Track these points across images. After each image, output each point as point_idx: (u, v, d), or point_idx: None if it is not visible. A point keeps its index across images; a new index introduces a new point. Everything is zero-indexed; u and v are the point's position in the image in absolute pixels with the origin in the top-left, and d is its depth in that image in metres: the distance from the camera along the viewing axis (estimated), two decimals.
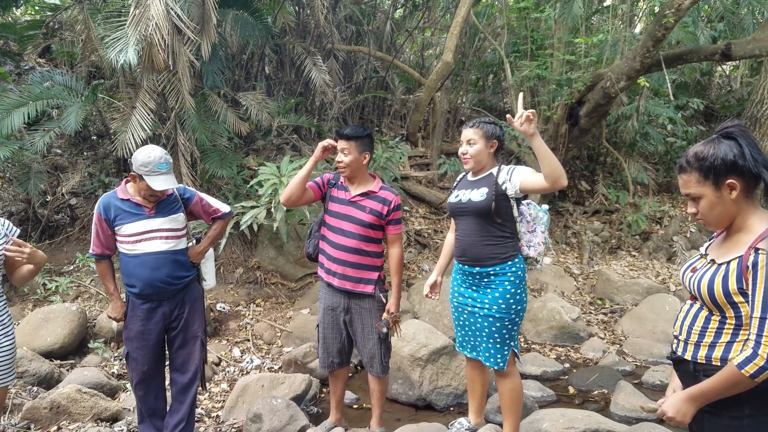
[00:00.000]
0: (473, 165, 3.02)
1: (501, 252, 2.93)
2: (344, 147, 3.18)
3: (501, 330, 2.95)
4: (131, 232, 3.01)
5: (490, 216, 2.90)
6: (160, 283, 3.07)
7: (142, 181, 2.95)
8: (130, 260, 3.06)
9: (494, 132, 3.00)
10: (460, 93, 10.06)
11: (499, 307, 2.92)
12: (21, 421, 3.67)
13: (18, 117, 5.80)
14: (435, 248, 7.39)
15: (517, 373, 3.08)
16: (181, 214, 3.17)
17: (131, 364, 3.18)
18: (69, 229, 6.30)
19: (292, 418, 3.53)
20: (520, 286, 2.96)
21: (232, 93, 7.06)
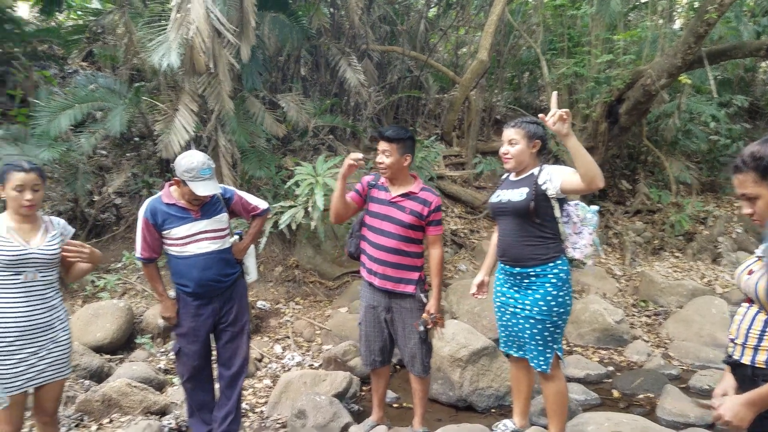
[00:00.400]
0: (514, 165, 2.99)
1: (542, 253, 2.90)
2: (385, 149, 3.17)
3: (543, 332, 2.92)
4: (180, 235, 3.09)
5: (528, 216, 2.88)
6: (211, 282, 3.15)
7: (185, 186, 3.02)
8: (180, 261, 3.13)
9: (537, 132, 2.96)
10: (495, 91, 10.00)
11: (540, 309, 2.90)
12: (75, 413, 3.80)
13: (65, 119, 5.99)
14: (471, 248, 7.36)
15: (562, 376, 3.05)
16: (225, 215, 3.25)
17: (182, 359, 3.26)
18: (115, 228, 6.48)
19: (335, 415, 3.57)
20: (563, 289, 2.91)
21: (269, 95, 7.16)
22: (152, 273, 3.23)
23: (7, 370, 2.56)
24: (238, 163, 6.22)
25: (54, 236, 2.74)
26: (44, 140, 5.85)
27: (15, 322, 2.58)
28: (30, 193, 2.63)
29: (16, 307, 2.58)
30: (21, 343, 2.59)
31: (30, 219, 2.69)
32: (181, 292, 3.21)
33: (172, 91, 6.27)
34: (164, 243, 3.15)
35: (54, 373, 2.72)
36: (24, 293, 2.59)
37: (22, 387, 2.61)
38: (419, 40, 9.40)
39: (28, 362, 2.61)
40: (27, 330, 2.60)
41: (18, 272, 2.57)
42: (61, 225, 2.85)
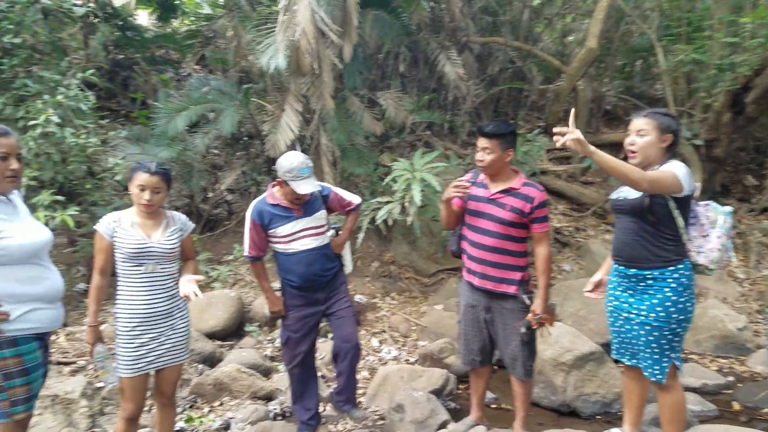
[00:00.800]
0: (639, 159, 2.77)
1: (661, 255, 2.70)
2: (486, 146, 3.08)
3: (659, 340, 2.72)
4: (285, 233, 3.24)
5: (643, 215, 2.69)
6: (315, 276, 3.31)
7: (287, 186, 3.16)
8: (286, 258, 3.31)
9: (670, 125, 2.74)
10: (604, 80, 9.47)
11: (657, 315, 2.70)
12: (189, 395, 4.08)
13: (181, 120, 6.45)
14: (577, 248, 7.03)
15: (680, 387, 2.83)
16: (323, 212, 3.39)
17: (289, 346, 3.40)
18: (226, 222, 6.90)
19: (433, 411, 3.56)
20: (684, 295, 2.70)
21: (368, 93, 7.27)
22: (259, 271, 3.41)
23: (129, 353, 2.80)
24: (338, 161, 6.37)
25: (173, 231, 2.93)
26: (163, 140, 6.34)
27: (138, 309, 2.80)
28: (149, 194, 2.80)
29: (138, 295, 2.80)
30: (143, 328, 2.81)
31: (153, 215, 2.89)
32: (287, 285, 3.36)
33: (278, 92, 6.55)
34: (270, 241, 3.32)
35: (172, 358, 2.92)
36: (146, 283, 2.81)
37: (143, 369, 2.83)
38: (522, 29, 9.10)
39: (149, 347, 2.83)
40: (148, 317, 2.82)
41: (140, 264, 2.79)
42: (182, 221, 3.04)
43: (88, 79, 6.13)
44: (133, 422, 2.87)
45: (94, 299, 2.81)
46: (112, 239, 2.78)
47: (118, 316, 2.83)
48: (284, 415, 3.88)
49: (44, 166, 5.35)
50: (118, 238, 2.78)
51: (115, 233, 2.78)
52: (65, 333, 4.86)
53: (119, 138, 6.52)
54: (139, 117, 7.42)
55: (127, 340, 2.80)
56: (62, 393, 3.54)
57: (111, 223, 2.80)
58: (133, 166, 2.87)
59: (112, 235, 2.78)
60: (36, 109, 5.46)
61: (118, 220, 2.82)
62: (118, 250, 2.78)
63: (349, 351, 3.41)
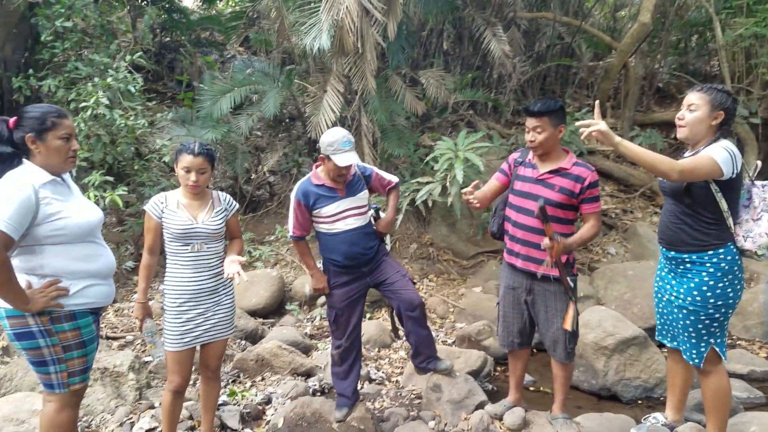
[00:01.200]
0: (686, 134, 2.65)
1: (700, 239, 2.59)
2: (536, 125, 2.98)
3: (696, 324, 2.63)
4: (329, 213, 3.26)
5: (681, 197, 2.59)
6: (358, 255, 3.32)
7: (329, 161, 3.17)
8: (330, 238, 3.32)
9: (723, 102, 2.59)
10: (657, 57, 9.06)
11: (693, 299, 2.61)
12: (232, 370, 4.20)
13: (225, 102, 6.55)
14: (623, 230, 6.83)
15: (723, 372, 2.73)
16: (365, 192, 3.40)
17: (338, 323, 3.41)
18: (268, 203, 7.01)
19: (470, 392, 3.55)
20: (723, 280, 2.58)
21: (411, 71, 7.18)
22: (303, 250, 3.42)
23: (176, 328, 2.89)
24: (379, 142, 6.35)
25: (218, 212, 2.98)
26: (208, 122, 6.46)
27: (185, 286, 2.89)
28: (195, 176, 2.85)
29: (185, 273, 2.89)
30: (190, 304, 2.90)
31: (198, 196, 2.95)
32: (330, 265, 3.39)
33: (320, 73, 6.55)
34: (314, 221, 3.35)
35: (217, 333, 3.00)
36: (193, 261, 2.88)
37: (190, 344, 2.92)
38: (572, 4, 8.80)
39: (195, 322, 2.91)
40: (195, 294, 2.90)
41: (187, 243, 2.87)
42: (227, 201, 3.09)
43: (135, 61, 6.30)
44: (179, 395, 2.97)
45: (143, 277, 2.90)
46: (160, 219, 2.86)
47: (166, 292, 2.92)
48: (323, 391, 3.95)
49: (94, 147, 5.55)
50: (165, 218, 2.85)
51: (162, 214, 2.85)
52: (114, 309, 5.07)
53: (166, 120, 6.68)
54: (185, 99, 7.57)
55: (174, 315, 2.89)
56: (111, 366, 3.70)
57: (159, 204, 2.87)
58: (178, 148, 2.92)
59: (160, 216, 2.85)
60: (86, 91, 5.65)
61: (165, 201, 2.89)
62: (166, 230, 2.86)
63: (414, 311, 3.41)
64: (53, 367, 2.35)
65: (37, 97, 6.73)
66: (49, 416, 2.40)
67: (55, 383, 2.37)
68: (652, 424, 2.99)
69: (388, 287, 3.43)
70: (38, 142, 2.34)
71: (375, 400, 3.87)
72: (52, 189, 2.34)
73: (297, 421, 3.36)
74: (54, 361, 2.34)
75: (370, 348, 4.74)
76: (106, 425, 3.38)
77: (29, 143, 2.33)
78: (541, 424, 3.31)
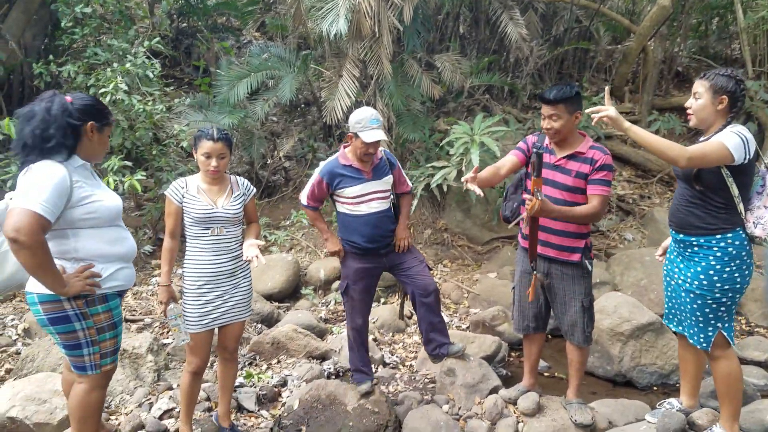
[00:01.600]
0: (695, 122, 2.66)
1: (710, 222, 2.57)
2: (552, 112, 2.95)
3: (703, 308, 2.62)
4: (354, 194, 3.27)
5: (691, 182, 2.58)
6: (380, 237, 3.34)
7: (357, 139, 3.18)
8: (352, 219, 3.33)
9: (724, 85, 2.56)
10: (677, 40, 8.89)
11: (700, 282, 2.60)
12: (248, 353, 4.26)
13: (242, 88, 6.57)
14: (640, 216, 6.76)
15: (733, 356, 2.71)
16: (390, 177, 3.41)
17: (355, 302, 3.43)
18: (284, 189, 7.05)
19: (484, 376, 3.56)
20: (731, 264, 2.56)
21: (426, 56, 7.13)
22: (315, 215, 3.46)
23: (196, 310, 2.93)
24: (394, 127, 6.33)
25: (237, 197, 3.02)
26: (225, 107, 6.49)
27: (204, 269, 2.93)
28: (216, 161, 2.88)
29: (205, 256, 2.93)
30: (209, 287, 2.94)
31: (217, 181, 2.98)
32: (349, 247, 3.39)
33: (336, 58, 6.53)
34: (336, 200, 3.37)
35: (235, 315, 3.04)
36: (212, 245, 2.92)
37: (208, 325, 2.97)
38: None
39: (214, 304, 2.96)
40: (214, 276, 2.94)
41: (207, 227, 2.91)
42: (245, 186, 3.12)
43: (153, 47, 6.33)
44: (197, 376, 3.02)
45: (166, 260, 2.93)
46: (180, 204, 2.89)
47: (186, 275, 2.96)
48: (338, 375, 4.00)
49: (113, 132, 5.61)
50: (186, 203, 2.89)
51: (183, 198, 2.89)
52: (132, 292, 5.16)
53: (183, 105, 6.73)
54: (202, 85, 7.61)
55: (194, 297, 2.93)
56: (130, 348, 3.77)
57: (179, 189, 2.90)
58: (196, 134, 2.94)
59: (180, 201, 2.89)
60: (105, 77, 5.70)
61: (185, 186, 2.92)
62: (186, 214, 2.90)
63: (428, 297, 3.42)
64: (87, 349, 2.39)
65: (57, 83, 6.81)
66: (79, 397, 2.45)
67: (87, 365, 2.41)
68: (666, 410, 2.98)
69: (405, 272, 3.44)
70: (96, 132, 2.42)
71: (389, 384, 3.91)
72: (82, 173, 2.38)
73: (312, 403, 3.41)
74: (88, 344, 2.38)
75: (384, 332, 4.78)
76: (125, 406, 3.46)
77: (89, 130, 2.38)
78: (555, 408, 3.32)
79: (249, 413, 3.50)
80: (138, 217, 6.01)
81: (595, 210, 2.92)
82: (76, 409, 2.46)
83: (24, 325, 4.32)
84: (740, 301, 5.20)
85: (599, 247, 6.26)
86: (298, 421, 3.34)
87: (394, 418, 3.37)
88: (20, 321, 4.42)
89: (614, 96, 8.31)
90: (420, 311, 3.49)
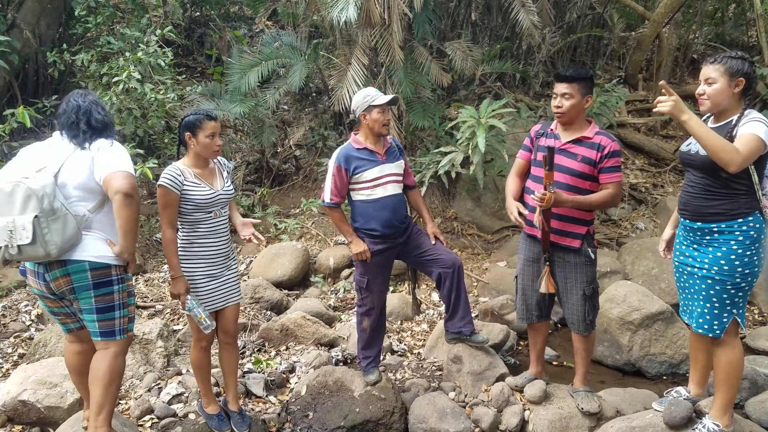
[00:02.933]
0: (709, 107, 2.59)
1: (730, 208, 2.54)
2: (565, 91, 2.93)
3: (721, 294, 2.58)
4: (370, 177, 3.26)
5: (716, 172, 2.53)
6: (398, 222, 3.33)
7: (371, 112, 3.21)
8: (369, 205, 3.30)
9: (740, 68, 2.51)
10: (692, 27, 8.73)
11: (720, 268, 2.56)
12: (258, 339, 4.30)
13: (253, 76, 6.56)
14: (653, 204, 6.69)
15: (739, 344, 2.68)
16: (402, 162, 3.41)
17: (371, 288, 3.41)
18: (294, 177, 7.06)
19: (491, 364, 3.56)
20: (751, 248, 2.53)
21: (437, 43, 7.07)
22: (340, 216, 3.37)
23: (206, 294, 2.94)
24: (404, 115, 6.31)
25: (227, 176, 3.07)
26: (236, 96, 6.50)
27: (205, 253, 2.94)
28: (219, 139, 2.94)
29: (205, 240, 2.94)
30: (211, 269, 2.96)
31: (208, 162, 3.00)
32: (365, 235, 3.35)
33: (346, 46, 6.50)
34: (352, 189, 3.33)
35: (232, 297, 3.06)
36: (212, 228, 2.95)
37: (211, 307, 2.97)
38: None
39: (215, 285, 2.99)
40: (213, 258, 2.96)
41: (209, 212, 2.93)
42: (225, 163, 3.15)
43: (166, 36, 6.35)
44: (207, 350, 3.06)
45: (173, 252, 2.87)
46: (180, 192, 2.85)
47: (184, 264, 2.92)
48: (345, 362, 4.02)
49: (126, 120, 5.66)
50: (186, 190, 2.86)
51: (183, 186, 2.85)
52: (144, 279, 5.22)
53: (195, 94, 6.76)
54: (214, 73, 7.63)
55: (195, 283, 2.94)
56: (141, 334, 3.82)
57: (177, 177, 2.85)
58: (195, 118, 2.89)
59: (180, 189, 2.85)
60: (118, 65, 5.74)
61: (181, 173, 2.88)
62: (187, 201, 2.87)
63: (455, 271, 3.41)
64: (119, 312, 2.63)
65: (71, 72, 6.88)
66: (108, 361, 2.61)
67: (117, 329, 2.64)
68: (674, 398, 2.97)
69: (426, 254, 3.42)
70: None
71: (396, 371, 3.93)
72: None
73: (319, 390, 3.44)
74: (120, 306, 2.63)
75: (393, 320, 4.80)
76: (135, 390, 3.51)
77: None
78: (562, 396, 3.32)
79: (257, 398, 3.54)
80: (151, 204, 6.07)
81: (612, 197, 2.97)
82: (106, 373, 2.60)
83: (37, 311, 4.40)
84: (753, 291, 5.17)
85: (611, 236, 6.21)
86: (306, 407, 3.38)
87: (401, 404, 3.39)
88: (33, 307, 4.50)
89: (628, 83, 8.20)
90: (446, 287, 3.44)
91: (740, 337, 4.45)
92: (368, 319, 3.47)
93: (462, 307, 3.49)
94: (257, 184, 6.98)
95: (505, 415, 3.27)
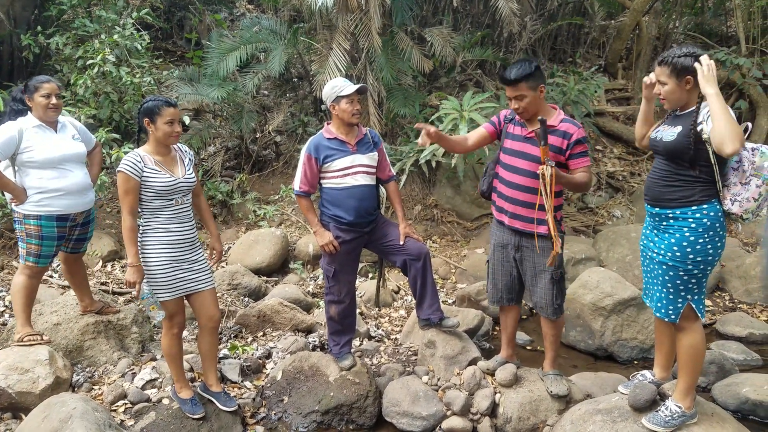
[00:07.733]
0: (670, 106, 2.67)
1: (685, 195, 2.59)
2: (516, 93, 2.97)
3: (674, 280, 2.64)
4: (340, 167, 3.29)
5: (677, 158, 2.58)
6: (365, 213, 3.36)
7: (340, 102, 3.23)
8: (338, 193, 3.33)
9: (687, 65, 2.53)
10: (672, 16, 8.80)
11: (673, 254, 2.62)
12: (234, 325, 4.31)
13: (232, 60, 6.48)
14: (630, 192, 6.78)
15: (699, 329, 2.75)
16: (376, 154, 3.43)
17: (339, 277, 3.45)
18: (274, 163, 7.02)
19: (464, 348, 3.61)
20: (704, 236, 2.58)
21: (418, 29, 7.05)
22: (308, 205, 3.41)
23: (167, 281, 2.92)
24: (384, 102, 6.29)
25: (189, 164, 3.05)
26: (214, 80, 6.43)
27: (168, 239, 2.92)
28: (178, 126, 2.91)
29: (169, 227, 2.93)
30: (175, 255, 2.94)
31: (169, 150, 2.98)
32: (332, 222, 3.38)
33: (327, 31, 6.45)
34: (322, 178, 3.36)
35: (202, 282, 3.04)
36: (175, 215, 2.94)
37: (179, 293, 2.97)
38: None
39: (182, 272, 2.96)
40: (178, 244, 2.95)
41: (170, 199, 2.92)
42: (187, 151, 3.13)
43: (144, 18, 6.24)
44: (179, 336, 3.07)
45: (132, 240, 2.85)
46: (140, 179, 2.83)
47: (148, 250, 2.91)
48: (323, 347, 4.05)
49: (102, 104, 5.58)
50: (146, 177, 2.84)
51: (143, 173, 2.83)
52: (121, 265, 5.19)
53: (172, 78, 6.67)
54: (194, 57, 7.52)
55: (162, 269, 2.91)
56: (115, 320, 3.80)
57: (137, 163, 2.83)
58: (154, 104, 2.86)
59: (140, 176, 2.83)
60: (93, 48, 5.64)
61: (141, 160, 2.86)
62: (148, 189, 2.85)
63: (421, 260, 3.42)
64: (21, 244, 3.37)
65: (46, 54, 6.74)
66: (19, 279, 3.39)
67: (22, 255, 3.38)
68: (639, 381, 3.04)
69: (392, 243, 3.45)
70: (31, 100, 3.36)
71: (373, 357, 3.97)
72: (37, 131, 3.33)
73: (295, 374, 3.47)
74: (21, 239, 3.38)
75: (371, 306, 4.83)
76: (109, 376, 3.51)
77: (27, 102, 3.39)
78: (532, 380, 3.38)
79: (232, 384, 3.56)
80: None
81: (588, 178, 3.08)
82: (17, 286, 3.41)
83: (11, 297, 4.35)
84: (724, 278, 5.28)
85: (587, 224, 6.30)
86: (281, 392, 3.40)
87: (375, 388, 3.43)
88: (7, 293, 4.46)
89: (607, 72, 8.26)
90: (412, 276, 3.49)
91: (710, 323, 4.62)
92: (336, 306, 3.50)
93: (429, 295, 3.52)
94: (236, 170, 6.94)
95: (477, 398, 3.33)
